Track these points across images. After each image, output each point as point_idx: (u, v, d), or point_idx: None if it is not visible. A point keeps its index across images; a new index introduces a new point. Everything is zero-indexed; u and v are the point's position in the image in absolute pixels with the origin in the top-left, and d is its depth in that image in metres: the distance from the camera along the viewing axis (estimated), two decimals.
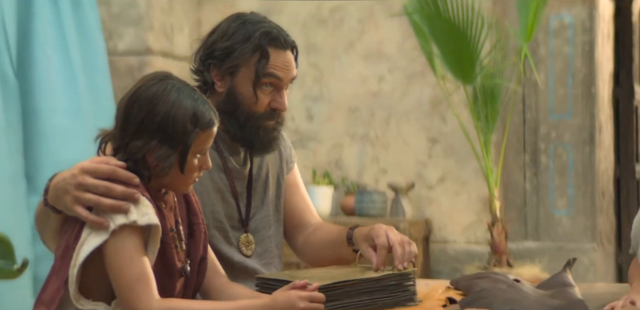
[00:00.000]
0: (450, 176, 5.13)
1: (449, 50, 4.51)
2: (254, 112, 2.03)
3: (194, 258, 1.84)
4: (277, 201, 2.19)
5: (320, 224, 2.23)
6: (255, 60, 2.01)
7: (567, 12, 5.03)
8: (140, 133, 1.70)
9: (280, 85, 2.04)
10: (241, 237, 2.11)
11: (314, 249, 2.18)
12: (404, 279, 1.85)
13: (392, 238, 1.91)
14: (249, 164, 2.15)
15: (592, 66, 5.03)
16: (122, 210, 1.64)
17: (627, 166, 5.71)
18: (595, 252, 5.01)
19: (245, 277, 2.06)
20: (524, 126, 5.07)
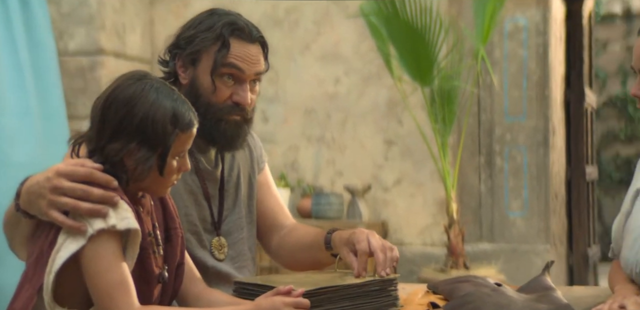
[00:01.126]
0: (407, 178, 5.12)
1: (407, 52, 4.50)
2: (213, 103, 1.97)
3: (171, 263, 1.78)
4: (250, 202, 2.14)
5: (295, 225, 2.19)
6: (216, 49, 1.97)
7: (521, 15, 5.07)
8: (118, 135, 1.63)
9: (243, 77, 1.98)
10: (213, 241, 2.06)
11: (289, 251, 2.13)
12: (387, 285, 1.82)
13: (373, 244, 1.88)
14: (221, 164, 2.10)
15: (546, 69, 5.08)
16: (101, 215, 1.58)
17: (577, 168, 5.78)
18: (548, 253, 5.05)
19: (219, 282, 2.01)
20: (479, 128, 5.09)
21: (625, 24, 9.38)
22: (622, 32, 9.38)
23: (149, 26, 5.43)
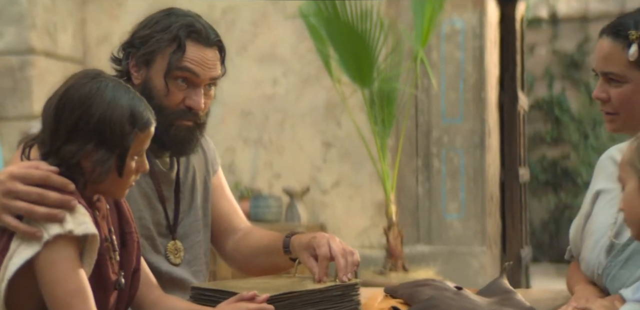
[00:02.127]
0: (345, 180, 5.11)
1: (347, 54, 4.49)
2: (165, 107, 1.92)
3: (127, 269, 1.72)
4: (205, 205, 2.08)
5: (250, 228, 2.14)
6: (171, 51, 1.91)
7: (458, 17, 5.11)
8: (74, 136, 1.56)
9: (197, 82, 1.93)
10: (169, 245, 1.99)
11: (245, 255, 2.08)
12: (349, 290, 1.79)
13: (334, 248, 1.85)
14: (176, 166, 2.04)
15: (482, 71, 5.13)
16: (57, 219, 1.51)
17: (511, 170, 5.85)
18: (484, 255, 5.09)
19: (174, 288, 1.95)
20: (417, 130, 5.11)
21: (551, 28, 9.56)
22: (549, 36, 9.55)
23: (80, 25, 5.31)
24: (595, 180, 2.02)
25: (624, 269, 1.82)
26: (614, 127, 1.85)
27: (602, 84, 1.82)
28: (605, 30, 1.81)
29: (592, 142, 8.64)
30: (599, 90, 1.82)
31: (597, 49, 1.82)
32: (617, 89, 1.80)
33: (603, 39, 1.80)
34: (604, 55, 1.79)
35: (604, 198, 1.96)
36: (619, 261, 1.84)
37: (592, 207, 1.99)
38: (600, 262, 1.87)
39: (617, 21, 1.80)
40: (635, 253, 1.82)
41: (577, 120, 9.22)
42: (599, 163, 2.04)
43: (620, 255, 1.84)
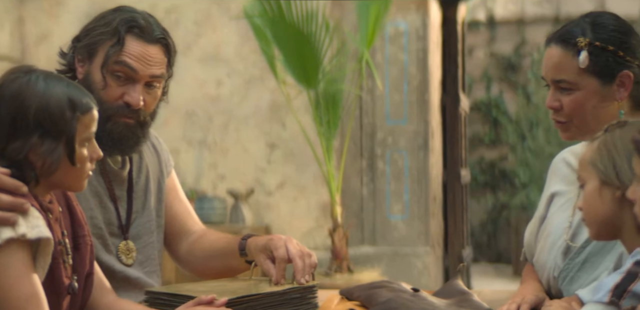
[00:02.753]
0: (290, 182, 5.10)
1: (292, 55, 4.48)
2: (103, 101, 1.88)
3: (81, 273, 1.68)
4: (159, 206, 2.05)
5: (205, 230, 2.11)
6: (110, 44, 1.89)
7: (402, 19, 5.13)
8: (15, 133, 1.53)
9: (136, 78, 1.90)
10: (120, 245, 1.96)
11: (200, 258, 2.05)
12: (307, 292, 1.78)
13: (292, 250, 1.83)
14: (128, 165, 2.00)
15: (426, 73, 5.16)
16: (10, 223, 1.47)
17: (453, 171, 5.90)
18: (428, 255, 5.13)
19: (128, 288, 1.92)
20: (361, 132, 5.13)
21: (489, 31, 9.67)
22: (486, 38, 9.65)
23: (18, 24, 5.20)
24: (549, 183, 2.03)
25: (581, 272, 1.84)
26: (569, 135, 1.86)
27: (554, 93, 1.81)
28: (553, 38, 1.81)
29: (529, 144, 8.77)
30: (551, 99, 1.81)
31: (546, 58, 1.80)
32: (569, 96, 1.80)
33: (551, 48, 1.80)
34: (554, 63, 1.79)
35: (558, 201, 1.97)
36: (576, 264, 1.85)
37: (547, 210, 2.00)
38: (557, 264, 1.88)
39: (563, 29, 1.81)
40: (592, 255, 1.83)
41: (514, 122, 9.34)
42: (552, 165, 2.05)
43: (577, 258, 1.85)
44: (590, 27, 1.79)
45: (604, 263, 1.81)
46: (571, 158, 1.99)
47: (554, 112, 1.83)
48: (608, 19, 1.83)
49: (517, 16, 9.63)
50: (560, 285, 1.86)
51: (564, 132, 1.85)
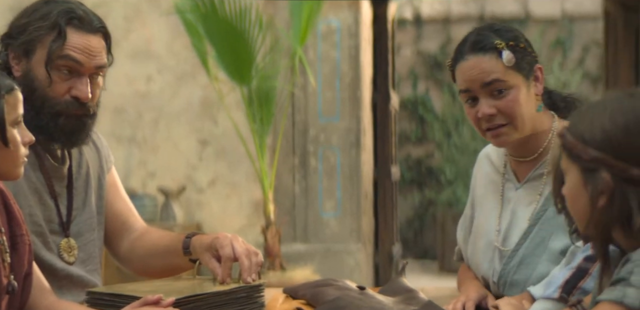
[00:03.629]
0: (222, 179, 5.06)
1: (225, 51, 4.45)
2: (50, 97, 1.84)
3: (19, 273, 1.63)
4: (99, 203, 2.00)
5: (146, 228, 2.07)
6: (51, 39, 1.83)
7: (334, 16, 5.13)
8: None
9: (81, 71, 1.85)
10: (62, 243, 1.90)
11: (142, 256, 2.01)
12: (254, 291, 1.76)
13: (237, 249, 1.81)
14: (68, 161, 1.95)
15: (358, 70, 5.18)
16: None
17: (384, 168, 5.92)
18: (360, 252, 5.15)
19: (70, 287, 1.87)
20: (294, 129, 5.12)
21: (415, 29, 9.75)
22: (413, 36, 9.73)
23: None
24: (474, 181, 2.05)
25: (518, 275, 1.85)
26: (503, 140, 1.85)
27: (486, 101, 1.82)
28: (469, 50, 1.82)
29: (455, 141, 8.87)
30: (486, 106, 1.81)
31: (468, 69, 1.82)
32: (504, 98, 1.82)
33: (468, 60, 1.81)
34: (480, 69, 1.81)
35: (485, 202, 1.98)
36: (511, 267, 1.86)
37: (473, 209, 2.02)
38: (496, 269, 1.90)
39: (474, 40, 1.84)
40: (526, 257, 1.85)
41: (440, 119, 9.44)
42: (477, 162, 2.07)
43: (512, 262, 1.87)
44: (494, 33, 1.85)
45: (541, 263, 1.83)
46: (494, 153, 2.01)
47: (487, 120, 1.83)
48: (500, 25, 1.90)
49: (443, 15, 9.74)
50: (502, 290, 1.87)
51: (499, 137, 1.85)
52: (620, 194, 1.31)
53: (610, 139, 1.33)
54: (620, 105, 1.35)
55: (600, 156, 1.33)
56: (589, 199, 1.34)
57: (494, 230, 1.93)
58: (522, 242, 1.87)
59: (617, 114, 1.34)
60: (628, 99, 1.35)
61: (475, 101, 1.84)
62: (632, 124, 1.32)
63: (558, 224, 1.80)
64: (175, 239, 1.96)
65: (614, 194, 1.31)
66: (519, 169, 1.95)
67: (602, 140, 1.34)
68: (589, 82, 9.09)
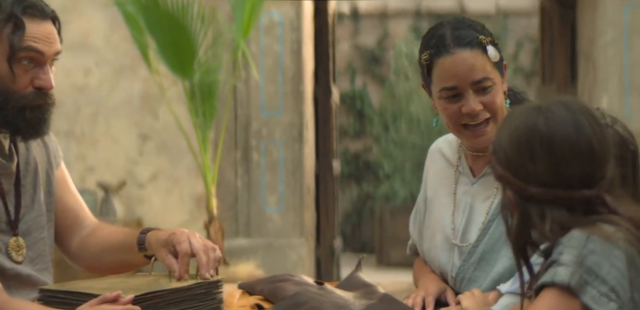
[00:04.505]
0: (163, 174, 5.00)
1: (167, 44, 4.38)
2: (14, 92, 1.78)
3: None
4: (49, 199, 1.94)
5: (97, 224, 2.02)
6: (9, 31, 1.77)
7: (276, 10, 5.10)
8: None
9: (43, 60, 1.80)
10: (10, 241, 1.84)
11: (94, 253, 1.96)
12: (212, 287, 1.72)
13: (195, 245, 1.77)
14: (16, 158, 1.89)
15: (300, 64, 5.16)
16: None
17: (325, 162, 5.92)
18: (302, 247, 5.14)
19: (19, 286, 1.81)
20: (236, 123, 5.08)
21: (353, 24, 9.77)
22: (350, 31, 9.75)
23: None
24: (426, 175, 2.03)
25: (479, 271, 1.84)
26: (487, 138, 1.82)
27: (473, 97, 1.80)
28: (454, 45, 1.80)
29: (392, 135, 8.92)
30: (474, 103, 1.80)
31: (457, 64, 1.80)
32: (488, 94, 1.81)
33: (458, 54, 1.80)
34: (470, 66, 1.79)
35: (438, 196, 1.97)
36: (471, 264, 1.85)
37: (426, 204, 2.00)
38: (454, 264, 1.89)
39: (456, 34, 1.82)
40: (486, 253, 1.84)
41: (378, 114, 9.48)
42: (428, 156, 2.06)
43: (472, 258, 1.85)
44: (470, 28, 1.83)
45: (501, 259, 1.82)
46: (445, 147, 2.00)
47: (470, 117, 1.82)
48: (470, 20, 1.88)
49: (380, 10, 9.78)
50: (459, 287, 1.86)
51: (482, 136, 1.83)
52: (523, 211, 1.32)
53: (508, 158, 1.35)
54: (519, 122, 1.34)
55: (503, 174, 1.34)
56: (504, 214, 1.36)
57: (449, 225, 1.92)
58: (481, 238, 1.86)
59: (514, 132, 1.34)
60: (533, 114, 1.34)
61: (457, 97, 1.82)
62: (523, 143, 1.32)
63: None
64: (129, 235, 1.91)
65: (519, 210, 1.32)
66: (475, 163, 1.93)
67: (504, 158, 1.36)
68: (522, 77, 9.23)
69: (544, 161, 1.29)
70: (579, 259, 1.25)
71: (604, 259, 1.25)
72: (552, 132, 1.29)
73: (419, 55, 1.86)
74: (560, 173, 1.28)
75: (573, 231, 1.27)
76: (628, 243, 1.25)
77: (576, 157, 1.28)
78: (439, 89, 1.84)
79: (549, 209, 1.28)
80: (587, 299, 1.24)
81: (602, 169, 1.29)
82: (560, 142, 1.28)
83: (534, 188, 1.29)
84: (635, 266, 1.26)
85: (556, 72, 6.25)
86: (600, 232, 1.26)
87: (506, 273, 1.79)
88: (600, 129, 1.29)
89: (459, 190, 1.93)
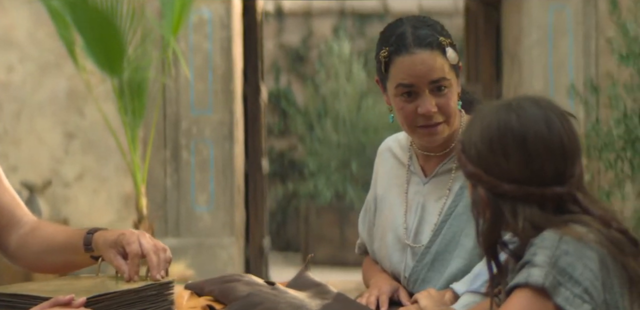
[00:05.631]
0: (90, 173, 4.90)
1: (95, 41, 4.29)
2: None
3: None
4: None
5: (38, 222, 1.94)
6: None
7: (206, 7, 5.05)
8: None
9: None
10: None
11: (35, 252, 1.89)
12: (164, 289, 1.68)
13: (145, 245, 1.72)
14: None
15: (230, 62, 5.11)
16: None
17: (255, 161, 5.89)
18: (233, 246, 5.10)
19: None
20: (165, 121, 5.01)
21: (277, 22, 9.75)
22: (275, 29, 9.73)
23: None
24: (375, 174, 2.02)
25: (432, 272, 1.84)
26: (441, 137, 1.84)
27: (429, 98, 1.80)
28: (414, 45, 1.80)
29: (317, 134, 8.93)
30: (430, 104, 1.79)
31: (417, 63, 1.79)
32: (444, 95, 1.81)
33: (418, 54, 1.79)
34: (429, 66, 1.79)
35: (389, 196, 1.96)
36: (424, 265, 1.85)
37: (376, 203, 1.99)
38: (407, 265, 1.88)
39: (417, 34, 1.81)
40: (439, 254, 1.84)
41: (302, 112, 9.49)
42: (378, 155, 2.05)
43: (425, 259, 1.85)
44: (430, 29, 1.82)
45: (454, 260, 1.82)
46: (395, 146, 2.00)
47: (425, 119, 1.81)
48: (431, 20, 1.87)
49: (304, 9, 9.79)
50: (413, 287, 1.86)
51: (435, 135, 1.83)
52: (495, 208, 1.32)
53: (479, 155, 1.35)
54: (491, 120, 1.35)
55: (475, 172, 1.34)
56: (474, 212, 1.36)
57: (401, 225, 1.91)
58: (434, 238, 1.85)
59: (486, 129, 1.34)
60: (503, 111, 1.34)
61: (412, 96, 1.81)
62: (496, 141, 1.32)
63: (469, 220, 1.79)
64: (74, 234, 1.85)
65: (491, 208, 1.33)
66: (426, 163, 1.93)
67: (476, 155, 1.35)
68: None
69: (517, 158, 1.29)
70: (552, 260, 1.25)
71: (577, 260, 1.25)
72: (524, 129, 1.29)
73: (377, 51, 1.85)
74: (533, 170, 1.29)
75: (545, 232, 1.28)
76: (599, 244, 1.26)
77: (549, 154, 1.28)
78: (395, 85, 1.83)
79: (522, 206, 1.28)
80: (561, 300, 1.24)
81: (573, 165, 1.30)
82: (533, 139, 1.29)
83: (507, 185, 1.29)
84: (607, 267, 1.27)
85: (481, 72, 6.34)
86: (573, 232, 1.26)
87: (460, 274, 1.79)
88: (569, 126, 1.30)
89: (411, 190, 1.93)
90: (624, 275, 1.26)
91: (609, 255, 1.27)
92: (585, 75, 5.05)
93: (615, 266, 1.26)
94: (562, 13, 5.12)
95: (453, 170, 1.88)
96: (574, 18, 5.09)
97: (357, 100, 8.81)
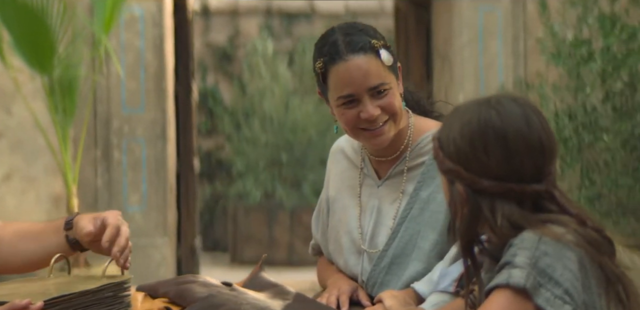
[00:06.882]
0: (17, 173, 4.77)
1: (24, 38, 4.19)
2: None
3: None
4: None
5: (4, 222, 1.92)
6: None
7: (137, 4, 4.97)
8: None
9: None
10: None
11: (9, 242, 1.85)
12: (120, 290, 1.66)
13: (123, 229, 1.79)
14: None
15: (162, 61, 5.05)
16: None
17: (186, 161, 5.83)
18: (166, 246, 5.04)
19: None
20: (96, 120, 4.92)
21: (203, 21, 9.70)
22: (201, 28, 9.67)
23: None
24: (328, 176, 2.01)
25: (390, 275, 1.84)
26: (387, 137, 1.83)
27: (370, 102, 1.79)
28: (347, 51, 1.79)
29: (245, 133, 8.90)
30: (371, 108, 1.78)
31: (352, 70, 1.78)
32: (385, 97, 1.80)
33: (352, 60, 1.78)
34: (364, 72, 1.78)
35: (342, 198, 1.95)
36: (382, 268, 1.85)
37: (328, 204, 1.98)
38: (365, 269, 1.87)
39: (348, 40, 1.80)
40: (396, 257, 1.84)
41: (230, 111, 9.45)
42: (330, 155, 2.04)
43: (382, 263, 1.85)
44: (362, 33, 1.82)
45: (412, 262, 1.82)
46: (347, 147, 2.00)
47: (370, 123, 1.81)
48: (362, 24, 1.87)
49: (231, 7, 9.75)
50: (371, 290, 1.85)
51: (380, 136, 1.82)
52: (474, 205, 1.33)
53: (459, 152, 1.35)
54: (471, 116, 1.35)
55: (454, 168, 1.35)
56: (452, 209, 1.36)
57: (356, 229, 1.90)
58: (390, 242, 1.85)
59: (466, 126, 1.35)
60: (484, 108, 1.35)
61: (353, 102, 1.80)
62: (477, 137, 1.33)
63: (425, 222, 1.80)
64: (52, 221, 1.86)
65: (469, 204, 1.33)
66: (380, 166, 1.92)
67: (455, 152, 1.35)
68: None
69: (498, 154, 1.30)
70: (532, 260, 1.26)
71: (557, 260, 1.26)
72: (505, 126, 1.30)
73: (313, 63, 1.83)
74: (513, 166, 1.29)
75: (524, 232, 1.28)
76: (577, 245, 1.27)
77: (528, 151, 1.29)
78: (336, 98, 1.82)
79: (500, 203, 1.29)
80: (542, 301, 1.25)
81: (550, 163, 1.31)
82: (514, 136, 1.30)
83: (487, 181, 1.30)
84: (585, 268, 1.28)
85: (412, 72, 6.39)
86: (551, 233, 1.27)
87: (418, 276, 1.79)
88: (546, 124, 1.31)
89: (364, 192, 1.92)
90: (601, 275, 1.28)
91: (587, 256, 1.28)
92: (514, 75, 5.14)
93: (593, 266, 1.28)
94: (492, 14, 5.20)
95: (405, 172, 1.87)
96: (504, 19, 5.18)
97: (284, 100, 8.82)
